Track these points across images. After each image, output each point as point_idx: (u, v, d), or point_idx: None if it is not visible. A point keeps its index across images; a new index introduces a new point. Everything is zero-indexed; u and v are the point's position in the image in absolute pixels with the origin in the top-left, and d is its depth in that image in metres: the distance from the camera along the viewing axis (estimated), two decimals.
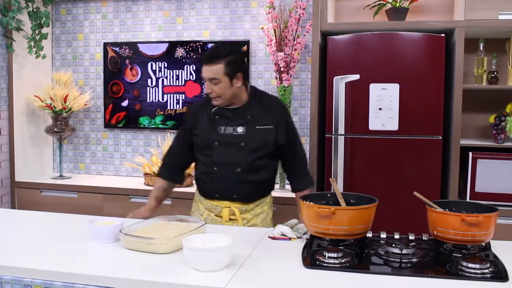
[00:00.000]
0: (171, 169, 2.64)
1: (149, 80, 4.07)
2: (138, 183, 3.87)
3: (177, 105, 4.03)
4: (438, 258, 1.83)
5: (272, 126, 2.46)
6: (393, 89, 3.13)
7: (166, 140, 3.86)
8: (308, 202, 1.94)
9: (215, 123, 2.47)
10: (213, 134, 2.46)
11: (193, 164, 2.67)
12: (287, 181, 3.74)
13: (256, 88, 2.59)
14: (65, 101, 3.92)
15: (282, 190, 3.57)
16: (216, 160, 2.45)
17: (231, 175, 2.44)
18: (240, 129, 2.44)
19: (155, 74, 4.06)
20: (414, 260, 1.79)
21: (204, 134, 2.48)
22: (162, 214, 2.27)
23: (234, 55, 2.39)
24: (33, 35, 3.80)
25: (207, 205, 2.55)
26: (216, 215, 2.52)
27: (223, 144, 2.44)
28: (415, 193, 2.00)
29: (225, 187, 2.46)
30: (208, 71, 2.36)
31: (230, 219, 2.49)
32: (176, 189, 2.99)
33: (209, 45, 3.90)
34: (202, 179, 2.54)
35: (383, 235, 1.98)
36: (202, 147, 2.49)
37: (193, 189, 3.57)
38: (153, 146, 4.13)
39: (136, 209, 2.63)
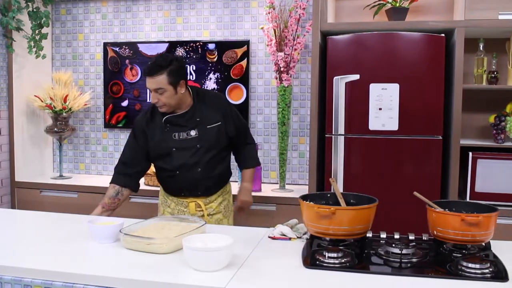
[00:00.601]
0: (126, 176, 2.65)
1: None
2: None
3: None
4: (438, 258, 1.83)
5: (220, 122, 2.61)
6: (393, 89, 3.13)
7: None
8: (308, 202, 1.94)
9: (168, 131, 2.57)
10: (169, 142, 2.57)
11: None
12: (287, 181, 3.77)
13: (197, 88, 2.69)
14: (65, 101, 3.92)
15: (282, 190, 3.57)
16: (177, 164, 2.57)
17: (193, 175, 2.58)
18: (193, 132, 2.57)
19: None
20: (414, 260, 1.79)
21: (160, 144, 2.58)
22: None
23: (175, 64, 2.48)
24: (33, 35, 3.80)
25: (174, 199, 2.69)
26: (183, 208, 2.67)
27: (181, 149, 2.57)
28: (415, 193, 2.01)
29: (189, 186, 2.61)
30: (152, 82, 2.45)
31: (197, 210, 2.65)
32: None
33: (209, 45, 3.91)
34: (167, 181, 2.67)
35: (383, 235, 1.98)
36: (160, 155, 2.60)
37: None
38: None
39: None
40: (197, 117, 2.57)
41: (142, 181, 3.84)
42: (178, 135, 2.56)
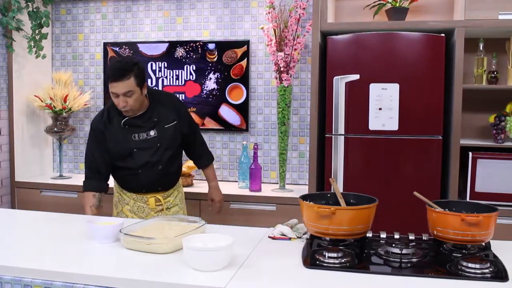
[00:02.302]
0: (100, 181, 2.69)
1: (149, 80, 4.06)
2: None
3: None
4: (438, 258, 1.83)
5: (176, 121, 2.72)
6: (393, 89, 3.13)
7: None
8: (308, 202, 1.94)
9: (127, 133, 2.63)
10: (129, 143, 2.63)
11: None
12: (287, 181, 3.77)
13: (149, 89, 2.71)
14: (65, 101, 3.92)
15: (282, 190, 3.57)
16: (139, 163, 2.64)
17: (154, 172, 2.67)
18: (152, 132, 2.65)
19: (155, 74, 4.06)
20: (414, 260, 1.79)
21: (121, 145, 2.64)
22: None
23: (138, 66, 2.54)
24: (33, 35, 3.80)
25: (133, 196, 2.75)
26: (142, 203, 2.74)
27: (142, 149, 2.64)
28: (415, 193, 2.01)
29: (150, 183, 2.70)
30: (122, 86, 2.48)
31: (156, 205, 2.74)
32: None
33: (209, 45, 3.91)
34: (127, 179, 2.73)
35: (383, 235, 1.98)
36: (121, 155, 2.65)
37: (192, 189, 3.60)
38: None
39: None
40: (155, 117, 2.66)
41: None
42: (138, 136, 2.64)
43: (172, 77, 4.02)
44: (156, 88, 3.99)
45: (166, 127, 2.67)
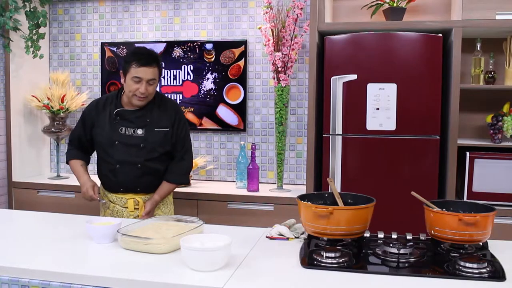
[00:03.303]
0: (81, 152, 2.79)
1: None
2: None
3: None
4: (436, 258, 1.83)
5: (168, 129, 2.66)
6: (391, 89, 3.14)
7: None
8: (305, 202, 1.94)
9: (116, 123, 2.62)
10: (114, 134, 2.62)
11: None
12: (284, 181, 3.77)
13: (156, 91, 2.69)
14: (62, 101, 3.91)
15: (279, 190, 3.57)
16: (117, 158, 2.62)
17: (132, 171, 2.63)
18: (139, 131, 2.62)
19: None
20: (412, 259, 1.79)
21: (105, 133, 2.63)
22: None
23: (160, 58, 2.60)
24: (30, 35, 3.80)
25: (112, 198, 2.70)
26: (121, 206, 2.68)
27: (124, 144, 2.61)
28: (413, 193, 2.01)
29: (128, 181, 2.64)
30: (149, 72, 2.50)
31: (135, 208, 2.67)
32: (176, 190, 3.02)
33: (207, 45, 3.91)
34: (106, 175, 2.69)
35: (381, 235, 1.98)
36: (103, 144, 2.65)
37: (190, 189, 3.59)
38: None
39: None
40: (148, 117, 2.62)
41: None
42: (125, 130, 2.61)
43: (170, 77, 4.01)
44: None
45: (156, 130, 2.63)
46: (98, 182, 2.75)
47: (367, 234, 1.95)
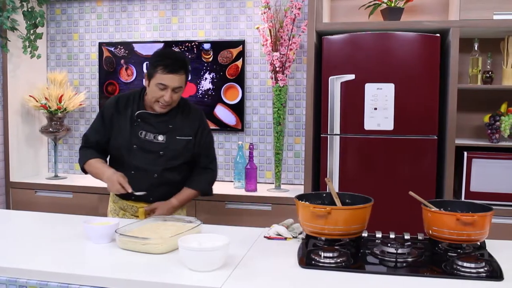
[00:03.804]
0: (99, 153, 2.53)
1: (144, 80, 4.05)
2: None
3: None
4: (434, 258, 1.83)
5: (191, 137, 2.47)
6: (388, 89, 3.14)
7: None
8: (303, 202, 1.94)
9: (136, 126, 2.44)
10: (132, 138, 2.43)
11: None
12: (282, 181, 3.77)
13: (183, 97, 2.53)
14: (60, 101, 3.91)
15: (277, 190, 3.57)
16: (134, 164, 2.43)
17: (148, 179, 2.43)
18: (160, 138, 2.43)
19: None
20: (410, 259, 1.79)
21: (124, 135, 2.44)
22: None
23: (188, 63, 2.40)
24: (28, 35, 3.79)
25: (122, 205, 2.55)
26: (132, 215, 2.53)
27: (142, 149, 2.43)
28: (411, 192, 2.01)
29: (141, 190, 2.40)
30: (177, 79, 2.31)
31: (146, 217, 2.45)
32: None
33: (205, 45, 3.90)
34: None
35: (379, 235, 1.98)
36: (120, 147, 2.46)
37: None
38: None
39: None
40: (170, 124, 2.45)
41: None
42: (145, 134, 2.43)
43: None
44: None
45: (177, 138, 2.44)
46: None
47: (365, 234, 1.95)
